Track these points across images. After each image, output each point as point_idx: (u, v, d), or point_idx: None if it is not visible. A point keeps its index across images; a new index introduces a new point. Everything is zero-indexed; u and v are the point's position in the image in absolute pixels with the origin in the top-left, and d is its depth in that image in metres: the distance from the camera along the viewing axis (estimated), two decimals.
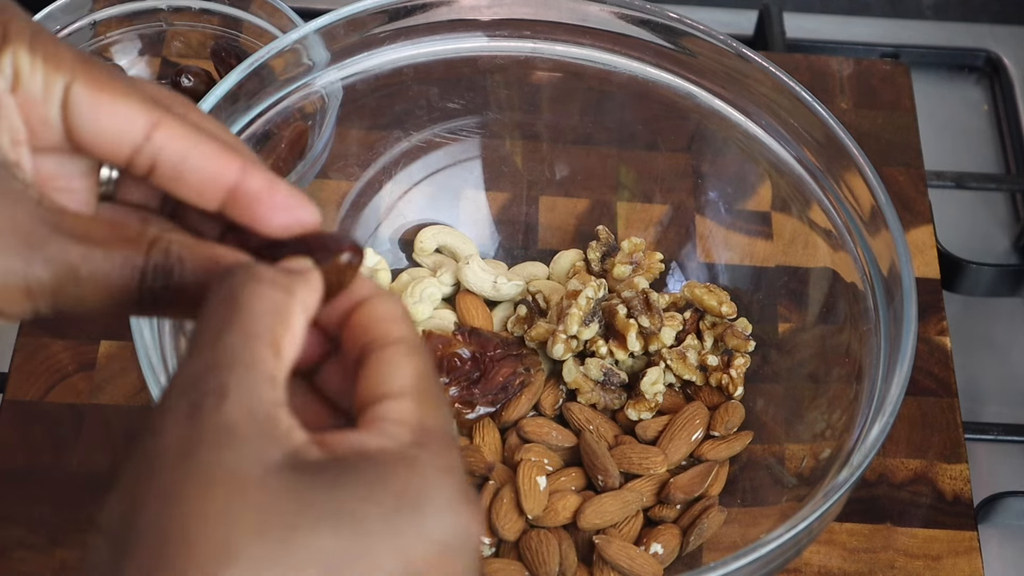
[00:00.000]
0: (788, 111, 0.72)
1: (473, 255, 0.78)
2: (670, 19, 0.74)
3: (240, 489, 0.34)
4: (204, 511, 0.34)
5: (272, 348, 0.37)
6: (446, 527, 0.36)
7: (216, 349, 0.36)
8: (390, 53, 0.75)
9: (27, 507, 0.71)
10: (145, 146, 0.40)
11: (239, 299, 0.37)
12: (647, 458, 0.71)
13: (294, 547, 0.34)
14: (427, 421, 0.38)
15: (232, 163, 0.40)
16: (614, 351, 0.74)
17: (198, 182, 0.40)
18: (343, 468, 0.36)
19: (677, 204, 0.80)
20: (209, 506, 0.34)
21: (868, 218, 0.68)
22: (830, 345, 0.72)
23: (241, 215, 0.41)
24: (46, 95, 0.39)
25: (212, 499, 0.34)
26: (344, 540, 0.34)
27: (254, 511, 0.34)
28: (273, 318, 0.37)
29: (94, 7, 0.83)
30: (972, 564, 0.72)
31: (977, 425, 0.81)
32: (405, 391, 0.38)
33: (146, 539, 0.34)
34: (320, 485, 0.35)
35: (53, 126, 0.40)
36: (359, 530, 0.35)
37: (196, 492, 0.34)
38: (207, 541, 0.33)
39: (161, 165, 0.40)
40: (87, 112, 0.40)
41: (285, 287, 0.38)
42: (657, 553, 0.69)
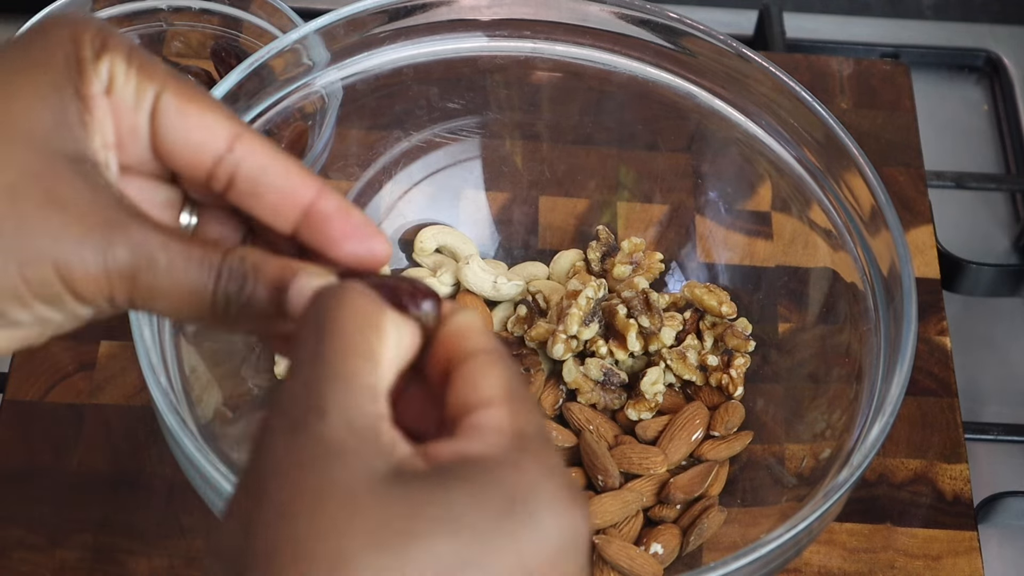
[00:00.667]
0: (788, 111, 0.72)
1: (473, 255, 0.78)
2: (670, 19, 0.74)
3: (350, 502, 0.34)
4: (316, 526, 0.34)
5: (369, 360, 0.37)
6: (558, 527, 0.36)
7: (314, 366, 0.37)
8: (390, 53, 0.75)
9: (27, 507, 0.71)
10: (227, 157, 0.41)
11: (332, 314, 0.38)
12: (647, 458, 0.71)
13: (409, 555, 0.34)
14: (523, 426, 0.38)
15: (308, 183, 0.42)
16: (614, 351, 0.74)
17: (275, 198, 0.41)
18: (450, 475, 0.36)
19: (677, 204, 0.80)
20: (321, 521, 0.34)
21: (868, 218, 0.68)
22: (830, 345, 0.72)
23: (313, 237, 0.42)
24: (137, 102, 0.41)
25: (323, 514, 0.34)
26: (459, 545, 0.34)
27: (366, 522, 0.34)
28: (367, 330, 0.38)
29: (94, 7, 0.83)
30: (972, 564, 0.72)
31: (977, 425, 0.81)
32: (496, 399, 0.38)
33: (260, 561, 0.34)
34: (430, 492, 0.35)
35: (141, 137, 0.41)
36: (474, 534, 0.35)
37: (307, 508, 0.34)
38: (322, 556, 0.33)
39: (240, 179, 0.41)
40: (174, 120, 0.41)
41: (374, 299, 0.39)
42: (657, 553, 0.69)
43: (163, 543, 0.70)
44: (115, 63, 0.41)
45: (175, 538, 0.70)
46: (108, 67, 0.41)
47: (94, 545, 0.70)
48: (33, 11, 0.81)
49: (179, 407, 0.60)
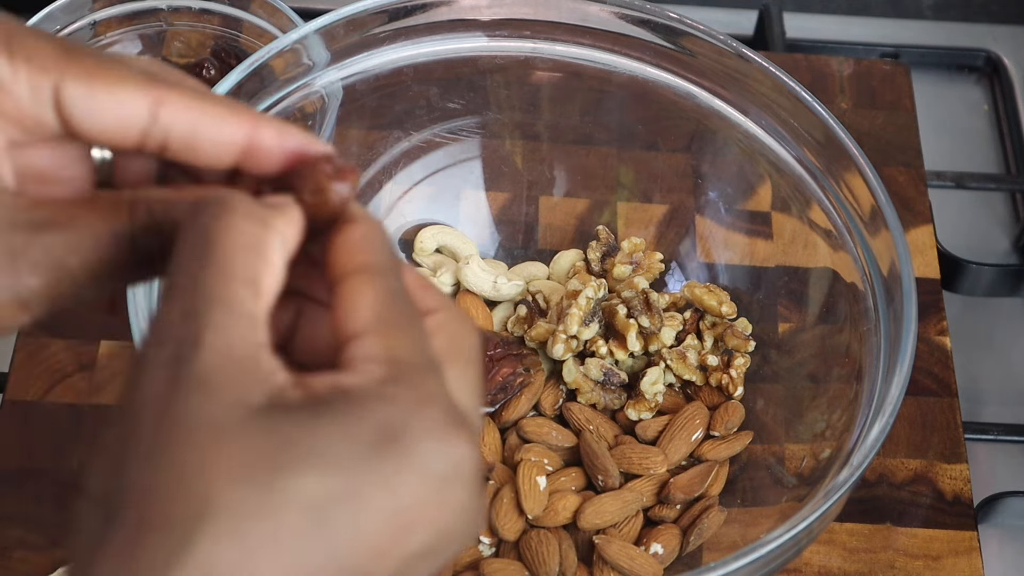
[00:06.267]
0: (788, 111, 0.72)
1: (473, 255, 0.78)
2: (670, 19, 0.74)
3: (217, 435, 0.33)
4: (182, 464, 0.33)
5: (251, 286, 0.36)
6: (435, 458, 0.35)
7: (191, 293, 0.35)
8: (390, 53, 0.75)
9: (27, 507, 0.71)
10: (153, 127, 0.38)
11: (212, 235, 0.36)
12: (647, 458, 0.71)
13: (274, 491, 0.33)
14: (397, 352, 0.36)
15: (241, 122, 0.39)
16: (614, 351, 0.74)
17: (211, 148, 0.39)
18: (321, 406, 0.34)
19: (677, 204, 0.80)
20: (186, 458, 0.33)
21: (868, 218, 0.68)
22: (830, 345, 0.72)
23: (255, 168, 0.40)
24: (34, 98, 0.38)
25: (189, 450, 0.33)
26: (326, 480, 0.33)
27: (231, 456, 0.33)
28: (250, 254, 0.36)
29: (94, 7, 0.83)
30: (972, 564, 0.72)
31: (977, 425, 0.81)
32: (369, 326, 0.36)
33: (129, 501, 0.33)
34: (298, 425, 0.34)
35: (48, 123, 0.38)
36: (341, 469, 0.33)
37: (174, 446, 0.33)
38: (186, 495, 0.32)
39: (173, 141, 0.39)
40: (84, 106, 0.38)
41: (261, 219, 0.37)
42: (657, 553, 0.69)
43: None
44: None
45: None
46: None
47: None
48: (33, 11, 0.81)
49: None
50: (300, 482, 0.33)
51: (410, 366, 0.36)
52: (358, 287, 0.37)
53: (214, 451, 0.33)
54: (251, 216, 0.36)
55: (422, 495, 0.34)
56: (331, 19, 0.72)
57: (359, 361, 0.36)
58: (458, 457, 0.35)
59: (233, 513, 0.32)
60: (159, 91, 0.38)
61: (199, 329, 0.34)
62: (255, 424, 0.34)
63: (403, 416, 0.35)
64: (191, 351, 0.34)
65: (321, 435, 0.34)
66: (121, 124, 0.38)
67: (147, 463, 0.33)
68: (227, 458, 0.33)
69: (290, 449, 0.33)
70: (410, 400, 0.35)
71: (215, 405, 0.34)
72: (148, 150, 0.39)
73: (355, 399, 0.35)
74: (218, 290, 0.35)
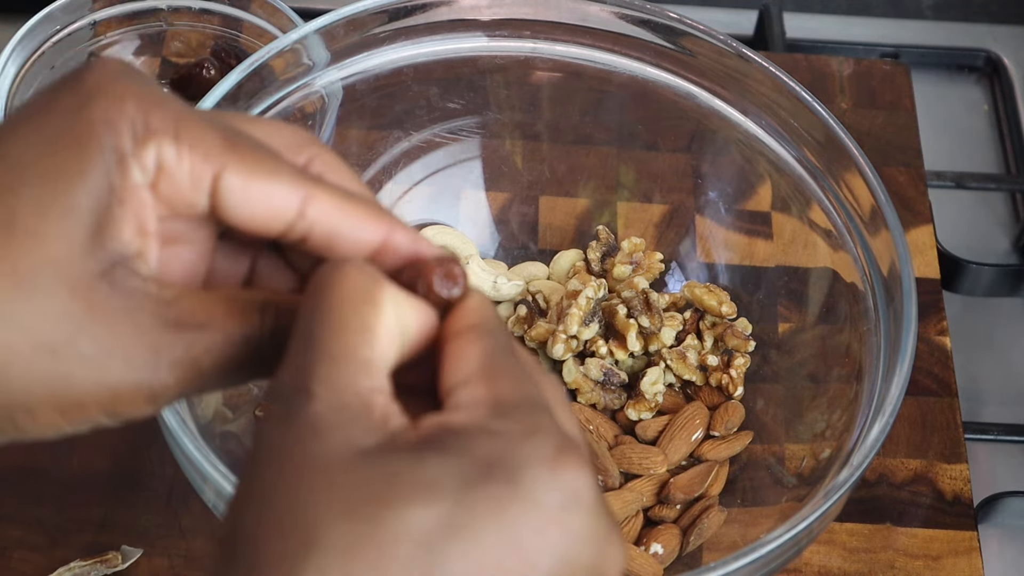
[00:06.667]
0: (788, 111, 0.72)
1: (473, 255, 0.78)
2: (670, 19, 0.74)
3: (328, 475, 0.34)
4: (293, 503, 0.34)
5: (363, 334, 0.36)
6: (545, 486, 0.35)
7: (304, 347, 0.36)
8: (390, 53, 0.75)
9: (27, 507, 0.71)
10: (299, 222, 0.40)
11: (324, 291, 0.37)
12: (647, 458, 0.71)
13: (382, 522, 0.33)
14: (503, 395, 0.37)
15: (380, 226, 0.40)
16: (614, 351, 0.74)
17: (349, 247, 0.40)
18: (429, 444, 0.35)
19: (677, 204, 0.80)
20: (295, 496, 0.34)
21: (868, 218, 0.68)
22: (830, 345, 0.72)
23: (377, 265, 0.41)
24: (194, 185, 0.39)
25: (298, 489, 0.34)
26: (436, 511, 0.33)
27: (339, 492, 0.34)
28: (360, 303, 0.37)
29: (94, 7, 0.83)
30: (972, 564, 0.72)
31: (977, 425, 0.81)
32: (474, 374, 0.37)
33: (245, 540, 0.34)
34: (406, 461, 0.34)
35: (199, 208, 0.39)
36: (450, 501, 0.34)
37: (286, 487, 0.34)
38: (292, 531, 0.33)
39: (314, 236, 0.40)
40: (239, 198, 0.39)
41: (370, 273, 0.38)
42: (657, 553, 0.69)
43: (163, 543, 0.70)
44: (163, 148, 0.38)
45: (175, 538, 0.70)
46: (154, 154, 0.38)
47: (94, 545, 0.70)
48: (33, 11, 0.81)
49: (179, 407, 0.60)
50: (407, 514, 0.33)
51: (515, 404, 0.37)
52: (465, 343, 0.38)
53: (321, 488, 0.34)
54: (361, 270, 0.38)
55: (538, 524, 0.34)
56: (331, 19, 0.72)
57: (464, 404, 0.37)
58: (573, 483, 0.35)
59: (340, 547, 0.33)
60: (310, 189, 0.39)
61: (308, 381, 0.36)
62: (363, 463, 0.34)
63: (510, 447, 0.35)
64: (303, 402, 0.35)
65: (427, 469, 0.34)
66: (270, 216, 0.39)
67: (261, 505, 0.34)
68: (333, 494, 0.34)
69: (396, 483, 0.34)
70: (517, 432, 0.36)
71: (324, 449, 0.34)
72: (288, 240, 0.40)
73: (461, 434, 0.35)
74: (328, 340, 0.36)
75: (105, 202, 0.37)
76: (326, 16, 0.72)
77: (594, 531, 0.35)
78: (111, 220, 0.38)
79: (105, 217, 0.37)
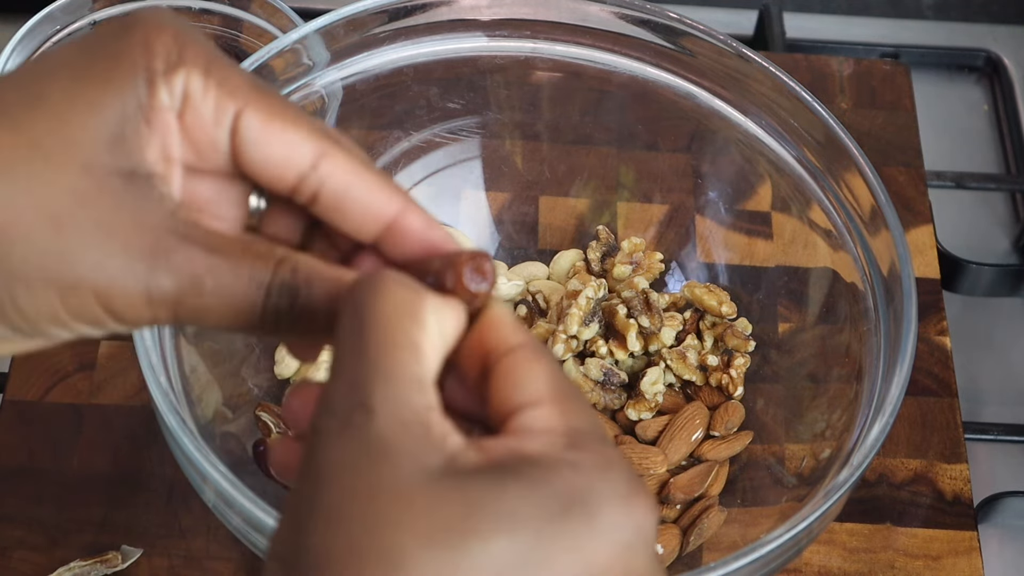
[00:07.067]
0: (788, 111, 0.72)
1: None
2: (670, 19, 0.74)
3: (404, 499, 0.34)
4: (370, 526, 0.34)
5: (412, 351, 0.37)
6: (620, 524, 0.35)
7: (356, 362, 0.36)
8: (390, 53, 0.75)
9: (27, 507, 0.71)
10: (311, 175, 0.40)
11: (368, 306, 0.37)
12: (647, 458, 0.71)
13: (467, 553, 0.33)
14: (574, 423, 0.37)
15: (393, 199, 0.41)
16: (614, 351, 0.74)
17: (358, 214, 0.41)
18: (507, 472, 0.35)
19: (677, 204, 0.80)
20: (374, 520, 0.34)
21: (868, 218, 0.68)
22: (830, 345, 0.72)
23: (393, 250, 0.41)
24: (217, 119, 0.39)
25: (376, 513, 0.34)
26: (518, 544, 0.34)
27: (421, 519, 0.34)
28: (406, 319, 0.37)
29: (94, 7, 0.83)
30: (972, 564, 0.72)
31: (977, 425, 0.81)
32: (544, 397, 0.38)
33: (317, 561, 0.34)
34: (486, 489, 0.34)
35: (221, 149, 0.40)
36: (532, 533, 0.34)
37: (360, 509, 0.34)
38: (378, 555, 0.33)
39: (324, 195, 0.40)
40: (257, 138, 0.40)
41: (412, 287, 0.38)
42: (657, 553, 0.69)
43: (163, 543, 0.70)
44: (191, 78, 0.39)
45: (175, 538, 0.70)
46: (183, 82, 0.39)
47: (94, 545, 0.70)
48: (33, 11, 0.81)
49: (179, 407, 0.60)
50: (491, 546, 0.34)
51: (588, 435, 0.37)
52: (526, 361, 0.38)
53: (402, 514, 0.34)
54: (403, 284, 0.38)
55: (608, 560, 0.35)
56: (331, 19, 0.72)
57: (537, 432, 0.37)
58: (641, 522, 0.36)
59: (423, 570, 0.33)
60: (327, 144, 0.40)
61: (366, 397, 0.36)
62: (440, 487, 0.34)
63: (589, 482, 0.35)
64: (364, 419, 0.35)
65: (508, 500, 0.34)
66: (284, 162, 0.40)
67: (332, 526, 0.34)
68: (416, 520, 0.34)
69: (479, 513, 0.34)
70: (594, 466, 0.36)
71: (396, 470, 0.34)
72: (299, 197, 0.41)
73: (540, 465, 0.36)
74: (380, 358, 0.36)
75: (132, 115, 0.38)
76: (326, 16, 0.72)
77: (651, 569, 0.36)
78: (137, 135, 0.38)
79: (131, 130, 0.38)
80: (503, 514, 0.34)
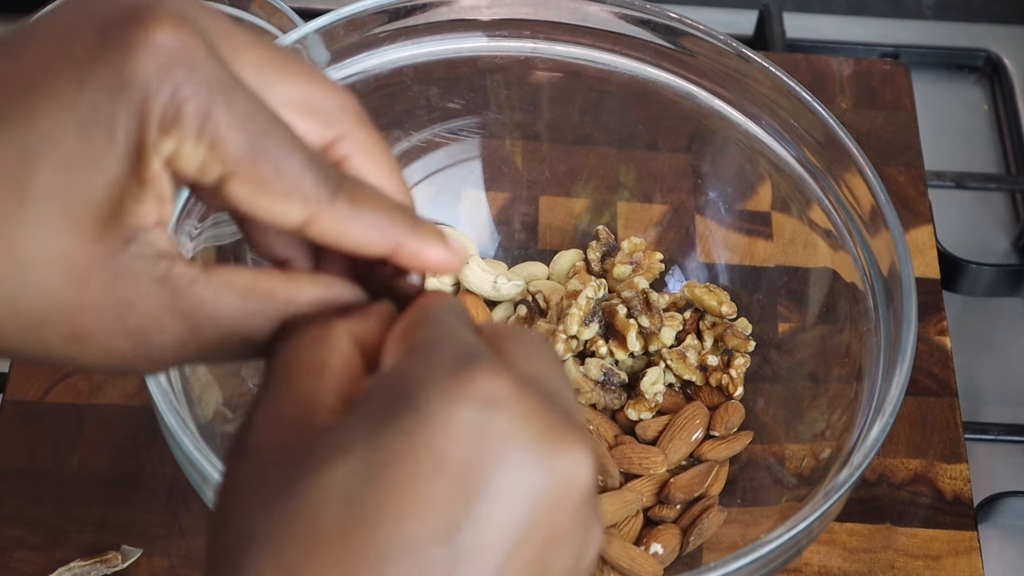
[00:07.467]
0: (788, 111, 0.72)
1: (473, 255, 0.78)
2: (670, 19, 0.74)
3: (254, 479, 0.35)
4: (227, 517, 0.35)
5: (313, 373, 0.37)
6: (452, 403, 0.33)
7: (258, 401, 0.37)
8: (390, 53, 0.75)
9: (27, 507, 0.71)
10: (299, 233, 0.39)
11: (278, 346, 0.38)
12: (647, 458, 0.71)
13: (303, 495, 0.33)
14: (417, 339, 0.36)
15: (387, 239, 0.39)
16: (614, 351, 0.74)
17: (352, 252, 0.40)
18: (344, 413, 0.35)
19: (677, 204, 0.80)
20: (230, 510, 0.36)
21: (868, 218, 0.68)
22: (830, 345, 0.72)
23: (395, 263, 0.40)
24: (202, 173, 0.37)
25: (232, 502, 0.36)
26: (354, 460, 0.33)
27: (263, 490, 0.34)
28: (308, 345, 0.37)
29: None
30: (972, 564, 0.72)
31: (977, 425, 0.81)
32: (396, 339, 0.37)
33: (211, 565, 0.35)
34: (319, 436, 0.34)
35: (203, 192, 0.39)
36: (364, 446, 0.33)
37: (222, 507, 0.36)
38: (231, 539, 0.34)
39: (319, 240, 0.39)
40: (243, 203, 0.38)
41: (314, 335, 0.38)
42: (657, 553, 0.69)
43: (163, 543, 0.70)
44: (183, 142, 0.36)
45: (175, 538, 0.70)
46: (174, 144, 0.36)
47: (94, 545, 0.70)
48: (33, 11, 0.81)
49: (179, 407, 0.60)
50: (322, 476, 0.33)
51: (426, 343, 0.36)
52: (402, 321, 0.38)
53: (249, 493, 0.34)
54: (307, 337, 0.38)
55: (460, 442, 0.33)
56: (331, 19, 0.72)
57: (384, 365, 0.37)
58: (480, 391, 0.33)
59: (272, 531, 0.33)
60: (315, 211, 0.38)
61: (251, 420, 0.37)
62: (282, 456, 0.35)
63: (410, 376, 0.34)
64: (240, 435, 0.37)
65: (337, 433, 0.34)
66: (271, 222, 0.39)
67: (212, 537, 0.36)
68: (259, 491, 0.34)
69: (310, 455, 0.34)
70: (421, 366, 0.35)
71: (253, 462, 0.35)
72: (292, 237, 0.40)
73: (367, 389, 0.35)
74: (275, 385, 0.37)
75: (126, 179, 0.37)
76: (326, 16, 0.72)
77: (529, 431, 0.34)
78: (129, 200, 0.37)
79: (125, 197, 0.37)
80: (330, 446, 0.34)
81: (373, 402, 0.34)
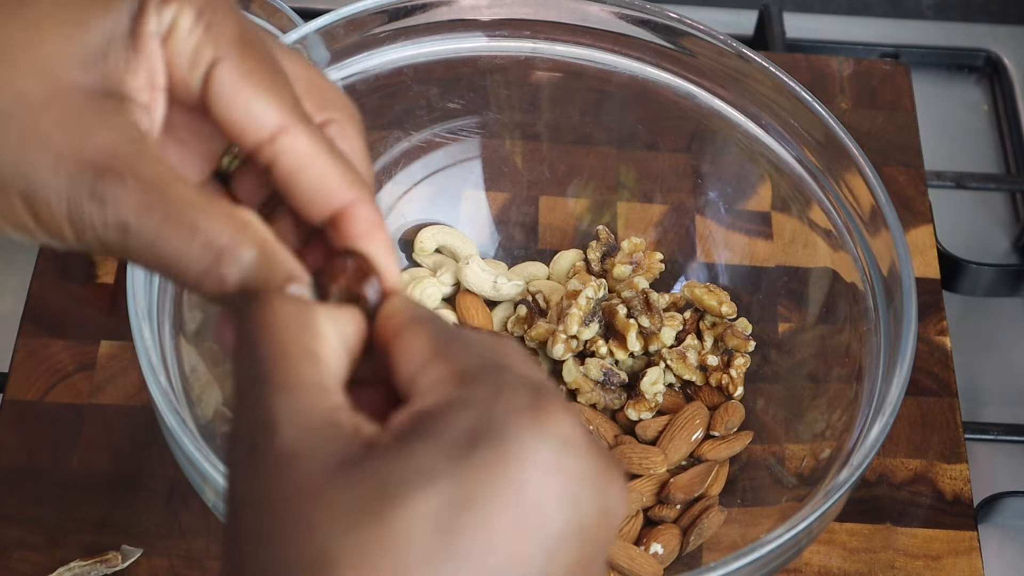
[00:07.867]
0: (788, 111, 0.72)
1: (473, 255, 0.78)
2: (670, 19, 0.74)
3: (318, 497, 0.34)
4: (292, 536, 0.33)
5: (309, 360, 0.36)
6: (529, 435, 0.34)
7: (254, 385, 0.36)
8: (390, 53, 0.75)
9: (27, 507, 0.71)
10: (267, 145, 0.39)
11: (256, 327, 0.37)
12: (647, 458, 0.71)
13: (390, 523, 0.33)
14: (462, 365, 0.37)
15: (344, 194, 0.40)
16: (614, 351, 0.74)
17: (305, 197, 0.40)
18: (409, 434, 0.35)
19: (677, 204, 0.80)
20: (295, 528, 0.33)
21: (868, 218, 0.68)
22: (830, 345, 0.72)
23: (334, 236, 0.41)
24: (192, 63, 0.39)
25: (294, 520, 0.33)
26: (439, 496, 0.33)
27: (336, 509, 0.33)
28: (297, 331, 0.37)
29: None
30: (972, 564, 0.72)
31: (977, 425, 0.81)
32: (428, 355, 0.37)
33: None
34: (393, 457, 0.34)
35: (192, 91, 0.39)
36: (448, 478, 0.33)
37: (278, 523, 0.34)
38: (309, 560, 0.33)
39: (276, 168, 0.40)
40: (225, 96, 0.39)
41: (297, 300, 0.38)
42: (657, 553, 0.69)
43: (163, 543, 0.70)
44: (182, 14, 0.38)
45: (175, 538, 0.70)
46: (172, 15, 0.38)
47: (94, 545, 0.70)
48: None
49: (179, 407, 0.60)
50: (411, 507, 0.33)
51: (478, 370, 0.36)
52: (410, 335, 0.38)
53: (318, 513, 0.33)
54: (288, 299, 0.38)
55: (539, 478, 0.34)
56: (331, 19, 0.72)
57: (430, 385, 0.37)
58: (559, 428, 0.35)
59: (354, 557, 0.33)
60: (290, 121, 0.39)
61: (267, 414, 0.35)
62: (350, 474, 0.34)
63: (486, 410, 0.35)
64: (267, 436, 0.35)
65: (416, 458, 0.34)
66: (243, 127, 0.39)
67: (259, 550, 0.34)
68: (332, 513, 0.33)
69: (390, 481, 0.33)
70: (488, 395, 0.35)
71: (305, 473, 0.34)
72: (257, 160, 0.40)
73: (437, 415, 0.35)
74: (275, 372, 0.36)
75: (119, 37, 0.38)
76: (326, 16, 0.72)
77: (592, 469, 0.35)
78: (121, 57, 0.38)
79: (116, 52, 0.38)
80: (413, 473, 0.33)
81: (452, 430, 0.34)
